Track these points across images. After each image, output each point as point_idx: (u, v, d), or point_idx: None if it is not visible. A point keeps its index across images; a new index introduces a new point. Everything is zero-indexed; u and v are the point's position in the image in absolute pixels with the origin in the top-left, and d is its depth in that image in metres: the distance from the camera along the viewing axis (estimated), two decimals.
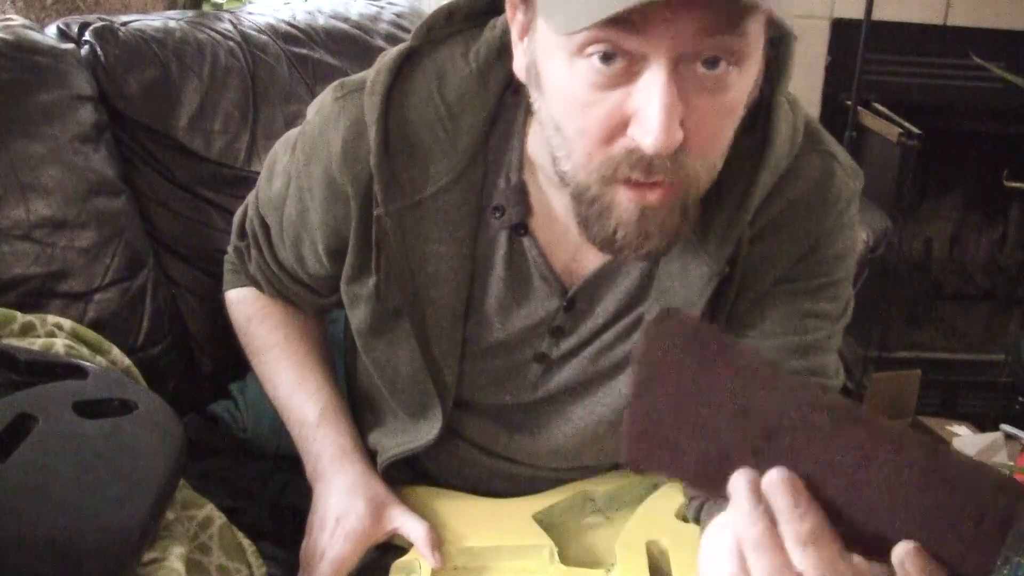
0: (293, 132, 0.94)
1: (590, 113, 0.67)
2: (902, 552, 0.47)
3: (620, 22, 0.62)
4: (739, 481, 0.50)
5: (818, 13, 2.07)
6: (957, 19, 2.11)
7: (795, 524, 0.49)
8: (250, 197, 1.01)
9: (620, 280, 0.86)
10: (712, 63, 0.65)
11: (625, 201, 0.70)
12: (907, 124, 1.93)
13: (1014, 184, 1.23)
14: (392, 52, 0.83)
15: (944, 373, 2.13)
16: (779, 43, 0.78)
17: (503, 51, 0.81)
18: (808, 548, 0.48)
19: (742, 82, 0.68)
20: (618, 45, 0.64)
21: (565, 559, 0.91)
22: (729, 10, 0.63)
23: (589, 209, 0.72)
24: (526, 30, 0.73)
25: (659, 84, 0.64)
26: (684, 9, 0.61)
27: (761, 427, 0.49)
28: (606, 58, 0.64)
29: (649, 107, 0.64)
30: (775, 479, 0.49)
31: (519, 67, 0.75)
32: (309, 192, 0.87)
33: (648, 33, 0.63)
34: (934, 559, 0.46)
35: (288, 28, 1.42)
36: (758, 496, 0.50)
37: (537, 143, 0.80)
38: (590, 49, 0.65)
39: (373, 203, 0.82)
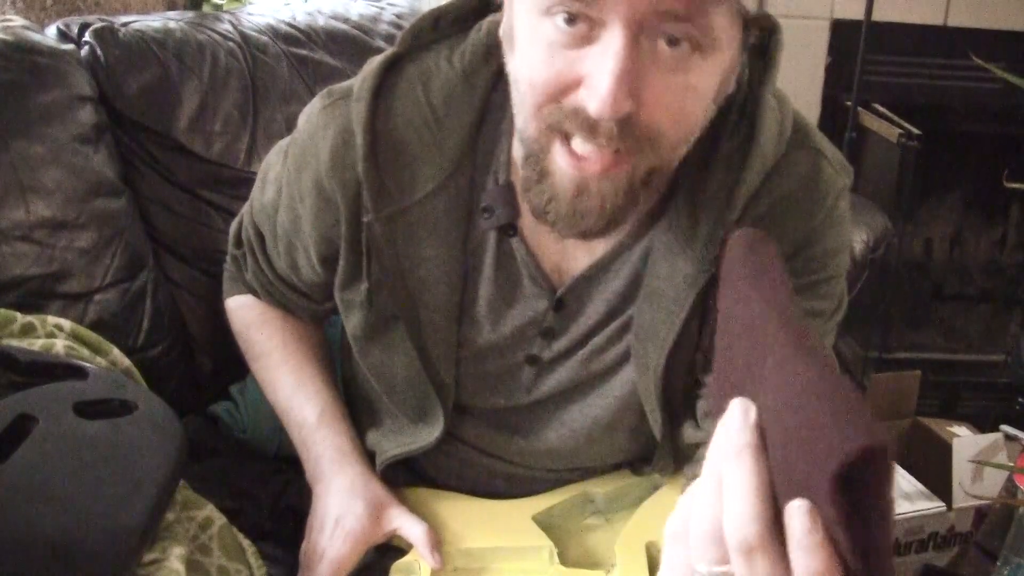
0: (285, 140, 0.94)
1: (546, 68, 0.68)
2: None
3: None
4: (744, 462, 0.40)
5: (818, 14, 2.07)
6: (957, 20, 2.11)
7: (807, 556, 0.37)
8: (245, 206, 1.02)
9: (609, 281, 0.86)
10: (674, 42, 0.66)
11: (562, 166, 0.71)
12: (907, 125, 1.92)
13: (1014, 184, 1.23)
14: (378, 58, 0.83)
15: (944, 374, 2.13)
16: (768, 39, 0.78)
17: (488, 53, 0.82)
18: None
19: (708, 68, 0.69)
20: (580, 9, 0.65)
21: (564, 560, 0.91)
22: None
23: (532, 170, 0.73)
24: None
25: (612, 50, 0.65)
26: None
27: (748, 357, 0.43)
28: (569, 20, 0.66)
29: (600, 71, 0.65)
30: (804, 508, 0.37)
31: (503, 28, 0.76)
32: (300, 200, 0.87)
33: (603, 2, 0.64)
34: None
35: (288, 29, 1.42)
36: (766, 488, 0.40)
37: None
38: (555, 9, 0.66)
39: (363, 209, 0.83)
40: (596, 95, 0.65)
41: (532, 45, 0.69)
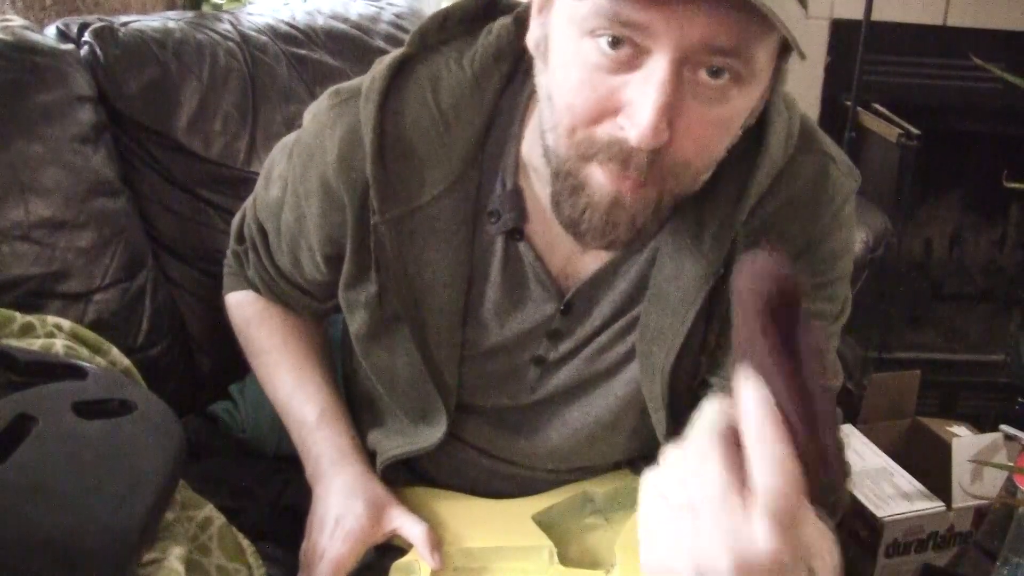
0: (290, 138, 0.94)
1: (585, 91, 0.67)
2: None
3: (629, 5, 0.62)
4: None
5: (818, 13, 2.07)
6: (957, 19, 2.11)
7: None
8: (248, 202, 1.01)
9: (617, 283, 0.86)
10: (716, 73, 0.65)
11: (600, 180, 0.70)
12: (907, 124, 1.92)
13: (1014, 184, 1.23)
14: (387, 59, 0.83)
15: (944, 374, 2.13)
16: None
17: (498, 56, 0.81)
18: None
19: (743, 100, 0.68)
20: (626, 34, 0.64)
21: (564, 560, 0.91)
22: (737, 31, 0.62)
23: (563, 184, 0.72)
24: (544, 5, 0.73)
25: (657, 80, 0.64)
26: (691, 16, 0.62)
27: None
28: (614, 43, 0.65)
29: (643, 100, 0.64)
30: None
31: (531, 39, 0.75)
32: (306, 199, 0.87)
33: (653, 31, 0.63)
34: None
35: (288, 29, 1.42)
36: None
37: (531, 146, 0.80)
38: (600, 32, 0.65)
39: (370, 210, 0.82)
40: (637, 124, 0.65)
41: (571, 66, 0.68)
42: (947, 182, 2.25)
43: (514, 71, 0.82)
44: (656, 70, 0.64)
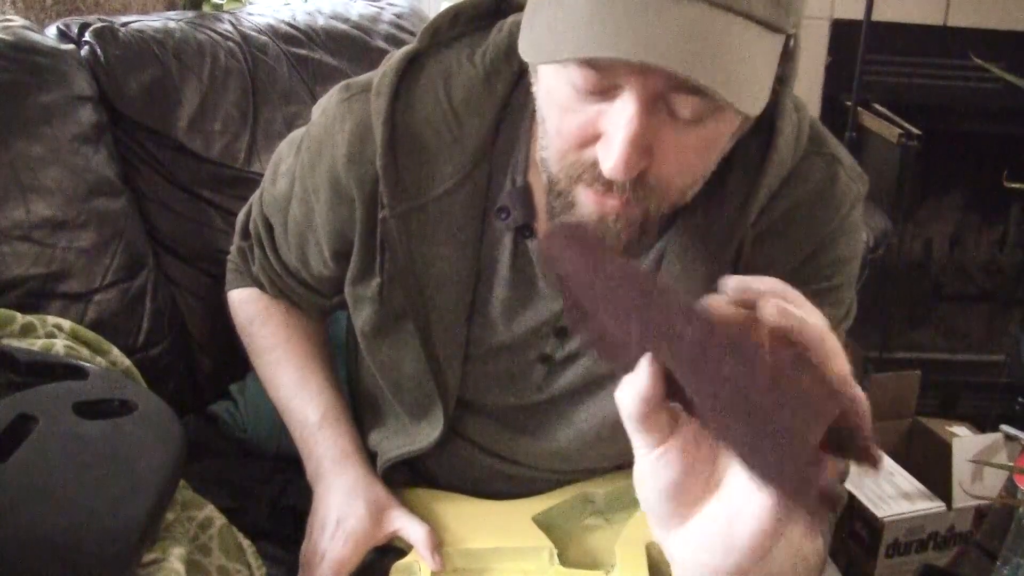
0: (298, 132, 0.94)
1: (568, 118, 0.68)
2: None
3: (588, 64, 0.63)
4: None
5: (818, 14, 2.07)
6: (957, 20, 2.11)
7: None
8: (254, 197, 1.01)
9: None
10: (695, 92, 0.64)
11: (587, 203, 0.71)
12: (907, 125, 1.92)
13: (1014, 184, 1.23)
14: (398, 54, 0.83)
15: (944, 374, 2.13)
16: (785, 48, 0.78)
17: (510, 53, 0.81)
18: None
19: (722, 122, 0.68)
20: (593, 78, 0.64)
21: (565, 561, 0.91)
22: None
23: (556, 200, 0.73)
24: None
25: (627, 116, 0.64)
26: (648, 73, 0.61)
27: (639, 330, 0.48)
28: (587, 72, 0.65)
29: (615, 134, 0.64)
30: None
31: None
32: (314, 193, 0.87)
33: (617, 73, 0.63)
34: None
35: (288, 29, 1.43)
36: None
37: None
38: (570, 66, 0.65)
39: (378, 205, 0.82)
40: (609, 158, 0.65)
41: (554, 92, 0.68)
42: (947, 182, 2.25)
43: (525, 68, 0.82)
44: (627, 104, 0.64)
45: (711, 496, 0.46)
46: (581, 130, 0.67)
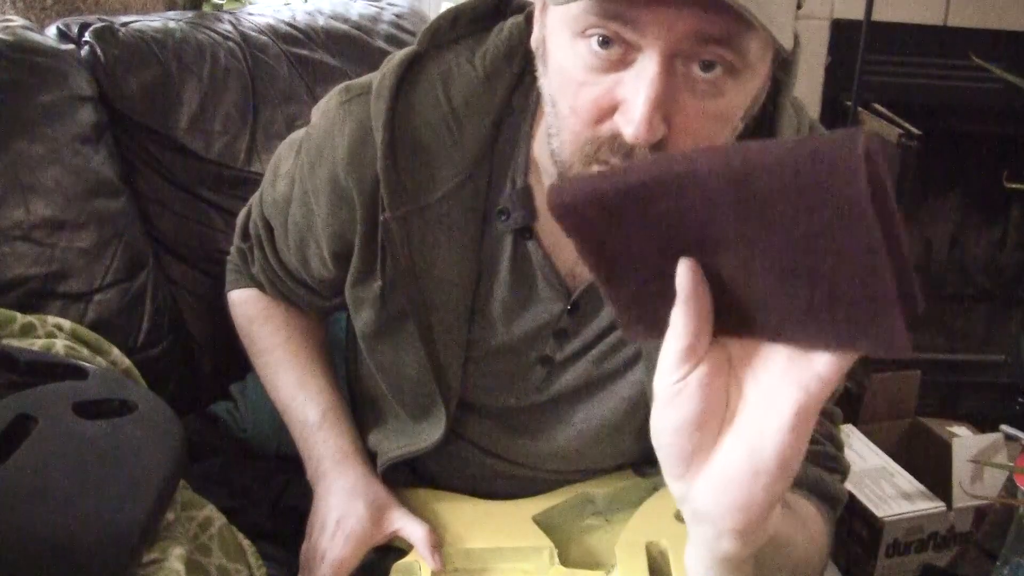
0: (298, 134, 0.94)
1: (583, 93, 0.68)
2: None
3: (613, 5, 0.62)
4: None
5: (818, 14, 2.07)
6: (957, 20, 2.11)
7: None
8: (254, 198, 1.01)
9: None
10: (708, 66, 0.65)
11: None
12: (907, 125, 1.92)
13: (1014, 184, 1.23)
14: (398, 56, 0.83)
15: (944, 374, 2.13)
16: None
17: (510, 55, 0.81)
18: None
19: (738, 92, 0.68)
20: (615, 32, 0.64)
21: (565, 561, 0.91)
22: (726, 22, 0.62)
23: None
24: (544, 6, 0.73)
25: (648, 76, 0.64)
26: (677, 10, 0.62)
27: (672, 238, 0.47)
28: (604, 43, 0.65)
29: (635, 97, 0.64)
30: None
31: (534, 40, 0.75)
32: (314, 195, 0.87)
33: (642, 25, 0.63)
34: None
35: (288, 29, 1.43)
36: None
37: (542, 145, 0.80)
38: (590, 31, 0.65)
39: (379, 207, 0.82)
40: (631, 121, 0.65)
41: (568, 69, 0.68)
42: (947, 182, 2.25)
43: (525, 70, 0.82)
44: (647, 66, 0.64)
45: (727, 432, 0.48)
46: (597, 101, 0.67)
